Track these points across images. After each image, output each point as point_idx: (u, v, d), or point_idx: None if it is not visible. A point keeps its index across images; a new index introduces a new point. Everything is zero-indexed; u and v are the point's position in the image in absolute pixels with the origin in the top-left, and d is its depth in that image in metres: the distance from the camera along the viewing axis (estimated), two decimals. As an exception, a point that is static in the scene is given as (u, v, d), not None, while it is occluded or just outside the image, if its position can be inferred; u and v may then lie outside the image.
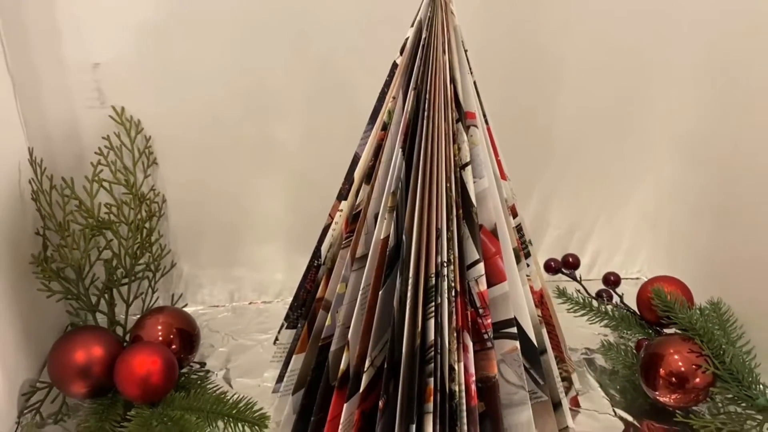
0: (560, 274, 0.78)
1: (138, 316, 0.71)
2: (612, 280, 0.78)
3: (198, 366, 0.71)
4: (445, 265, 0.53)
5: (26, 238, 0.68)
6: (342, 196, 0.62)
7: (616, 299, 0.76)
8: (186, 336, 0.68)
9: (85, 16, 0.68)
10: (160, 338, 0.67)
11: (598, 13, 0.78)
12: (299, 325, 0.64)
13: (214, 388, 0.66)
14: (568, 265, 0.77)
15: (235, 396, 0.63)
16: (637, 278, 0.91)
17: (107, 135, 0.71)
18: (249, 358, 0.74)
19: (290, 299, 0.84)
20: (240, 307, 0.84)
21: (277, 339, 0.74)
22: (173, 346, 0.67)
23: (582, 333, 0.76)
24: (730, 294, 0.71)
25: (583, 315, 0.74)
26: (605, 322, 0.74)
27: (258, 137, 0.77)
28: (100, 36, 0.69)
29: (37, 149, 0.69)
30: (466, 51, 0.55)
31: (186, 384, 0.67)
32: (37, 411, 0.64)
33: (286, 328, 0.67)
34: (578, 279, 0.77)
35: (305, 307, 0.64)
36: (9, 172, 0.65)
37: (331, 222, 0.63)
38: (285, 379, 0.63)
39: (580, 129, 0.84)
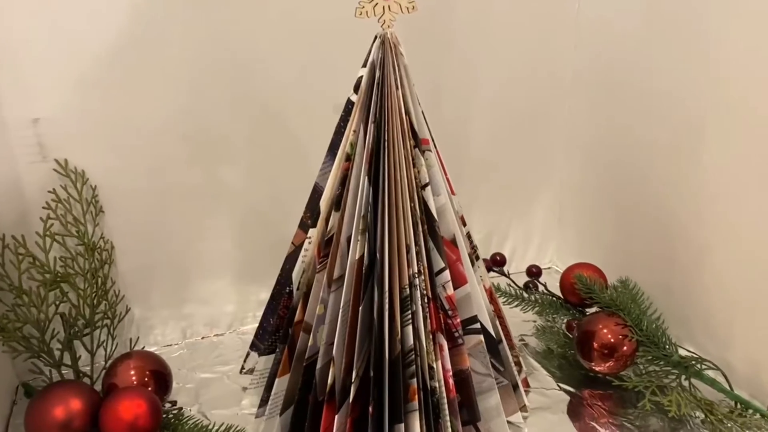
0: (491, 272, 0.86)
1: (100, 364, 0.70)
2: (534, 272, 0.87)
3: (170, 405, 0.72)
4: (417, 276, 0.59)
5: (-27, 302, 0.66)
6: (305, 225, 0.66)
7: (541, 288, 0.85)
8: (160, 376, 0.68)
9: (22, 73, 0.67)
10: (135, 382, 0.67)
11: (501, 50, 0.89)
12: (278, 350, 0.67)
13: (196, 422, 0.66)
14: (496, 263, 0.86)
15: (222, 426, 0.65)
16: (549, 268, 1.03)
17: (53, 188, 0.70)
18: (217, 389, 0.75)
19: (242, 329, 0.86)
20: (193, 343, 0.84)
21: (243, 368, 0.77)
22: (149, 388, 0.67)
23: (513, 321, 0.82)
24: (631, 273, 0.81)
25: (516, 306, 0.83)
26: (536, 309, 0.83)
27: (202, 179, 0.78)
28: (38, 92, 0.68)
29: (-20, 210, 0.67)
30: (413, 86, 0.62)
31: (166, 424, 0.67)
32: (15, 474, 0.63)
33: (260, 355, 0.70)
34: (507, 274, 0.86)
35: (281, 332, 0.67)
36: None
37: (294, 249, 0.67)
38: (269, 402, 0.66)
39: (491, 146, 0.94)
